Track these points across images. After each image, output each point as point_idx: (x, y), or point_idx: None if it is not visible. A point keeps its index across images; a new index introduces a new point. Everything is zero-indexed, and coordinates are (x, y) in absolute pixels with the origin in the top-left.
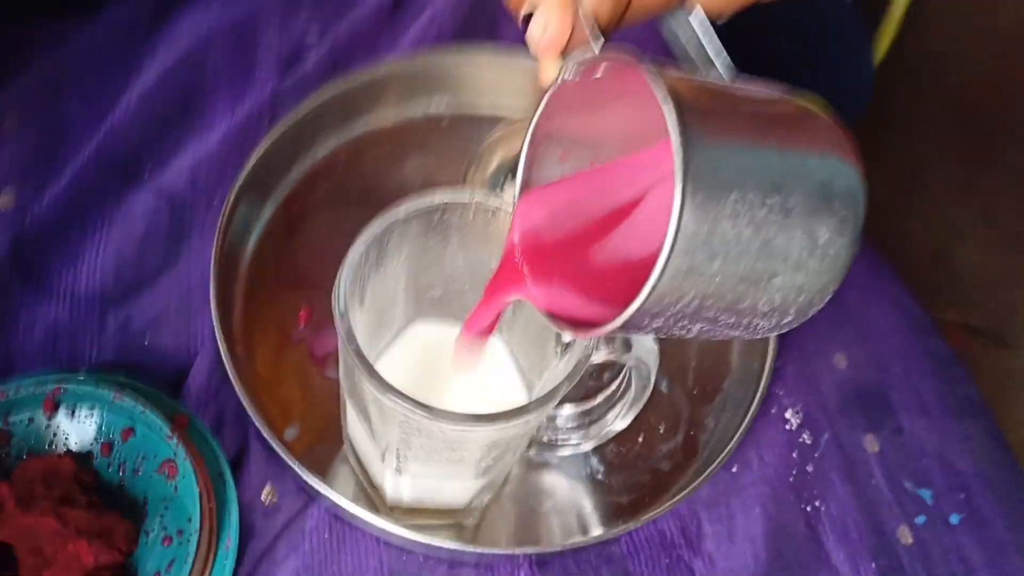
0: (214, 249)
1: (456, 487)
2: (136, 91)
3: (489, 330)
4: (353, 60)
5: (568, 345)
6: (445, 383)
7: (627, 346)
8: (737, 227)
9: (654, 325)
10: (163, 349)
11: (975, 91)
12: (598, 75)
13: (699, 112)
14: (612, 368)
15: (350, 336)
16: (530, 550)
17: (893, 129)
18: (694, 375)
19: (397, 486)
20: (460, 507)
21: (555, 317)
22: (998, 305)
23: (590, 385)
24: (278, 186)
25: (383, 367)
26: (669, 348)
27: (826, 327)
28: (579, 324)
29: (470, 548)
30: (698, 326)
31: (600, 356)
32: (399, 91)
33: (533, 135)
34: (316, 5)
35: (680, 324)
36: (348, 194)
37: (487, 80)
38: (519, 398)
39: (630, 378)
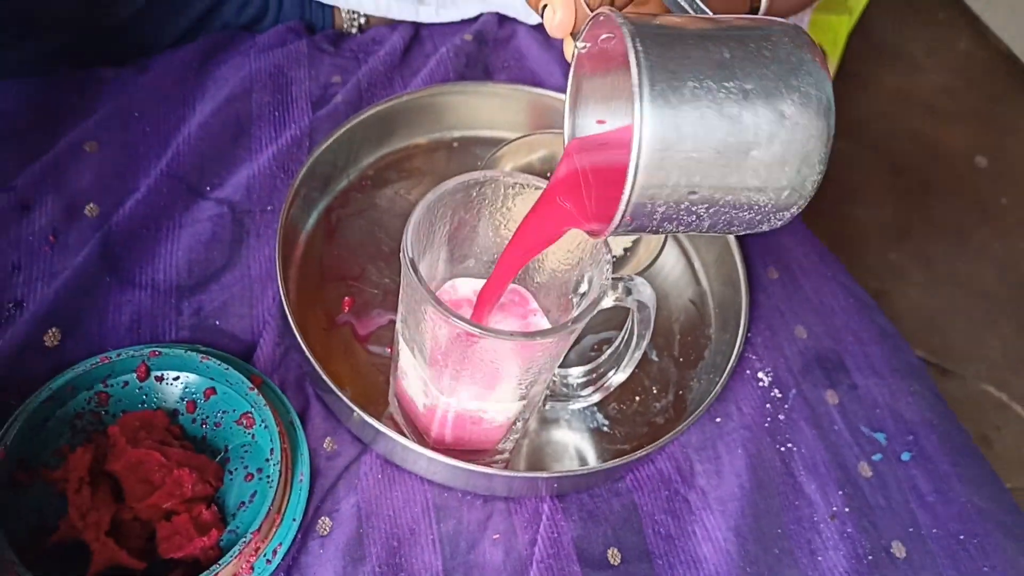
0: (277, 242)
1: (496, 410)
2: (195, 121)
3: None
4: (374, 97)
5: (584, 294)
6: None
7: (628, 291)
8: (699, 109)
9: (660, 212)
10: (231, 331)
11: (903, 148)
12: (604, 42)
13: (653, 27)
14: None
15: (418, 274)
16: (547, 474)
17: (834, 182)
18: (679, 346)
19: (443, 420)
20: (492, 447)
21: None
22: (938, 338)
23: (591, 356)
24: (320, 197)
25: None
26: (656, 323)
27: (787, 305)
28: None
29: (503, 472)
30: (704, 210)
31: (608, 301)
32: (416, 119)
33: (570, 105)
34: (337, 54)
35: (685, 211)
36: (377, 203)
37: (486, 109)
38: None
39: (631, 334)
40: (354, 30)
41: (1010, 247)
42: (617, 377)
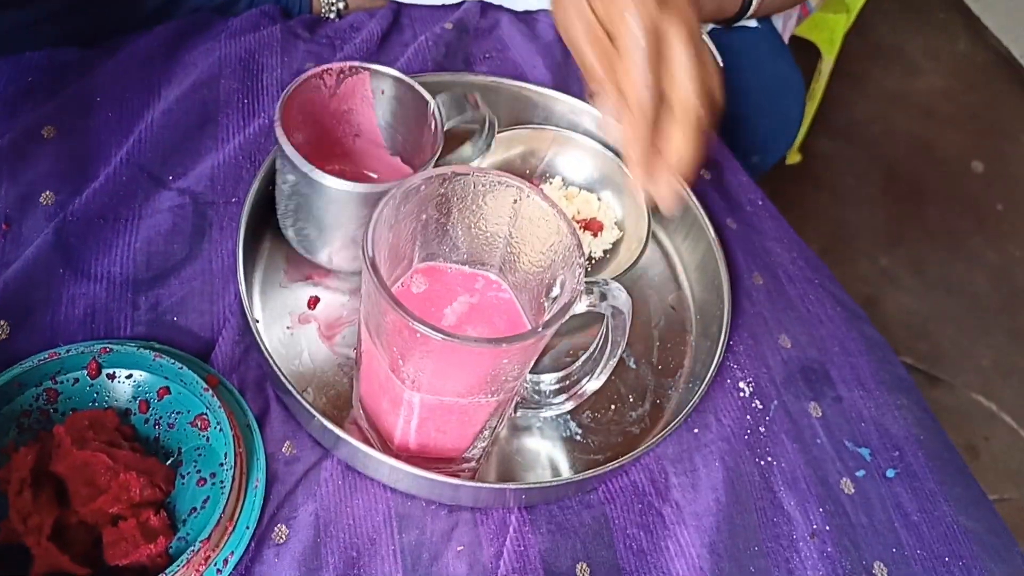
0: (239, 236)
1: (462, 408)
2: (160, 107)
3: None
4: None
5: (556, 297)
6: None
7: (603, 296)
8: None
9: None
10: (189, 327)
11: (898, 151)
12: None
13: None
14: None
15: (378, 275)
16: (514, 485)
17: (824, 187)
18: (658, 353)
19: (407, 421)
20: (459, 455)
21: None
22: (928, 345)
23: (567, 361)
24: None
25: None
26: (635, 329)
27: (771, 313)
28: None
29: (468, 483)
30: None
31: (581, 306)
32: None
33: None
34: (312, 40)
35: None
36: None
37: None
38: None
39: (605, 340)
40: (332, 15)
41: (1004, 254)
42: (591, 385)
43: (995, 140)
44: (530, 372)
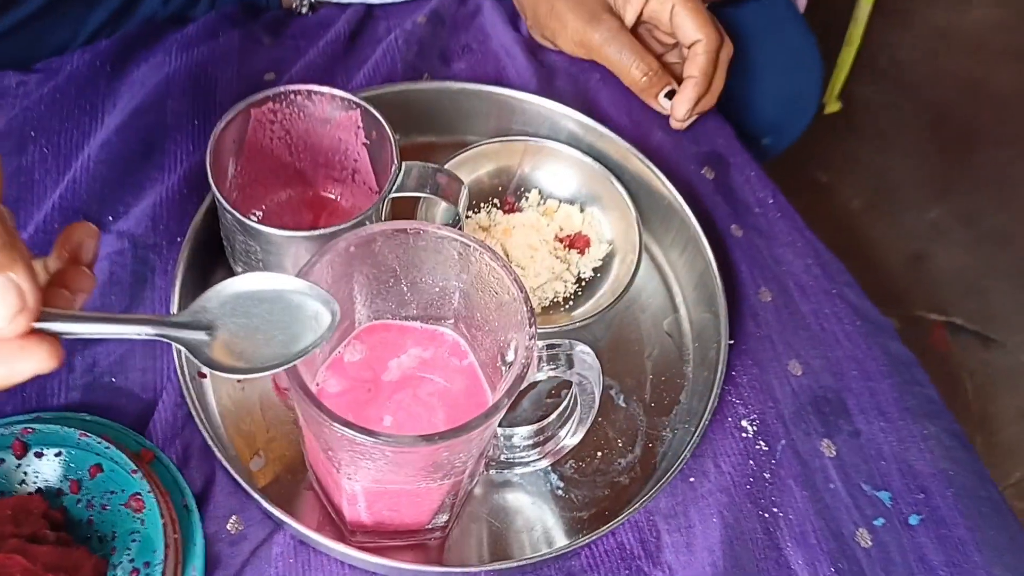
0: (175, 283)
1: (412, 495)
2: (98, 139)
3: None
4: None
5: (511, 363)
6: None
7: (569, 363)
8: None
9: None
10: (129, 388)
11: (947, 91)
12: None
13: None
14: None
15: (294, 368)
16: (485, 568)
17: (866, 135)
18: (651, 388)
19: (355, 506)
20: (420, 527)
21: None
22: (980, 303)
23: (548, 403)
24: None
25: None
26: (625, 360)
27: (780, 335)
28: None
29: (429, 568)
30: None
31: (543, 373)
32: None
33: None
34: (274, 44)
35: None
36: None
37: (446, 110)
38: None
39: (575, 404)
40: (304, 9)
41: None
42: (568, 442)
43: None
44: (502, 425)
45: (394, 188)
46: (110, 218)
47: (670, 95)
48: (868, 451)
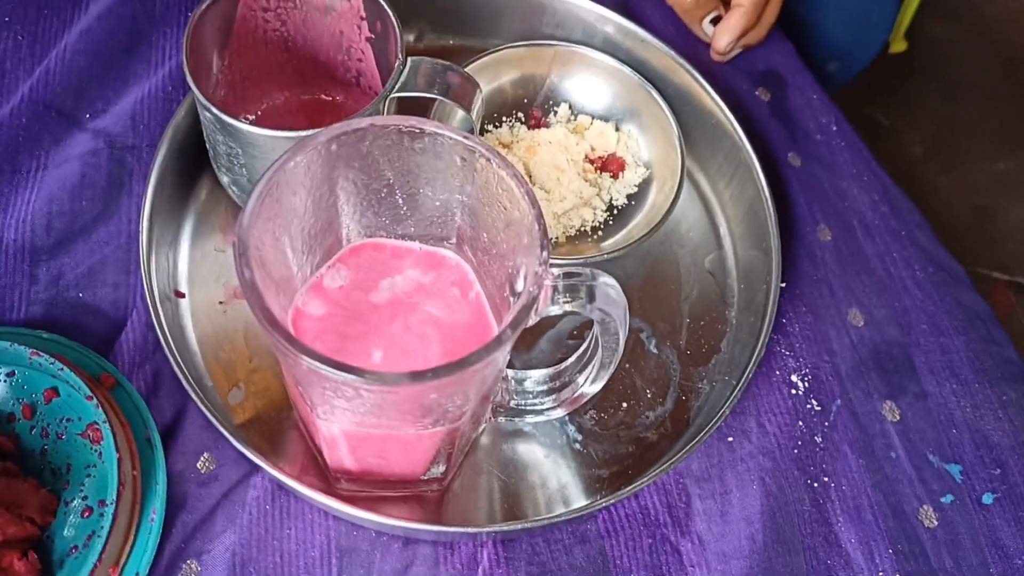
0: (147, 189)
1: (400, 441)
2: (78, 27)
3: None
4: None
5: (519, 293)
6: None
7: (590, 296)
8: None
9: None
10: (98, 305)
11: (1021, 34)
12: None
13: None
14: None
15: (251, 284)
16: (488, 529)
17: (932, 77)
18: (688, 334)
19: (335, 451)
20: (414, 478)
21: None
22: None
23: (569, 344)
24: None
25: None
26: (659, 301)
27: (839, 279)
28: None
29: (421, 526)
30: None
31: (558, 307)
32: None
33: None
34: None
35: None
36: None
37: (465, 7)
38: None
39: (596, 346)
40: None
41: None
42: (587, 389)
43: None
44: (514, 367)
45: (397, 86)
46: (87, 115)
47: (716, 21)
48: (937, 417)
